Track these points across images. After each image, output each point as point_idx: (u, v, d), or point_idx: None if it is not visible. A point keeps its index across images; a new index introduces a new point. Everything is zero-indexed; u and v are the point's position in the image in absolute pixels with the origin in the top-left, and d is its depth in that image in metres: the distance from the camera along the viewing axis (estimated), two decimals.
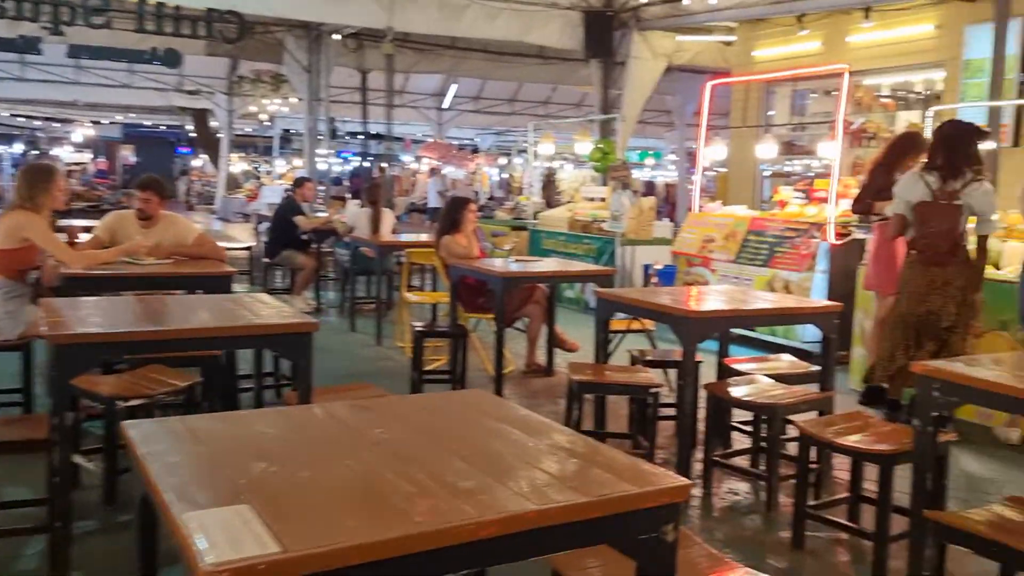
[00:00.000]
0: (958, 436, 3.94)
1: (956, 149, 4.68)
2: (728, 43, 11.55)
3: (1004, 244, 5.35)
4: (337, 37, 12.81)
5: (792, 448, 3.87)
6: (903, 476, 3.08)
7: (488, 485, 1.65)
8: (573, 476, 1.73)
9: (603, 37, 11.09)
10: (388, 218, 8.70)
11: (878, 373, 4.94)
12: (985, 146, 5.65)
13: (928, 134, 6.08)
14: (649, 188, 21.29)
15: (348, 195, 13.78)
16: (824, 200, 7.12)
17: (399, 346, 7.08)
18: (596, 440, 4.55)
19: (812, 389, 4.26)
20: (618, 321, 5.40)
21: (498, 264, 6.08)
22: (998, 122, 7.94)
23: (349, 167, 28.25)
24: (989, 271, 5.03)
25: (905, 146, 5.69)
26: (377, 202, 8.60)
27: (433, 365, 6.15)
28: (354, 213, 9.04)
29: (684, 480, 1.71)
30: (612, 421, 4.74)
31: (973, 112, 7.50)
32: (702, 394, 4.17)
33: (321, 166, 15.52)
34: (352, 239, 8.45)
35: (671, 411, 4.59)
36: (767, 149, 9.51)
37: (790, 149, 10.64)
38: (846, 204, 6.61)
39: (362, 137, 20.43)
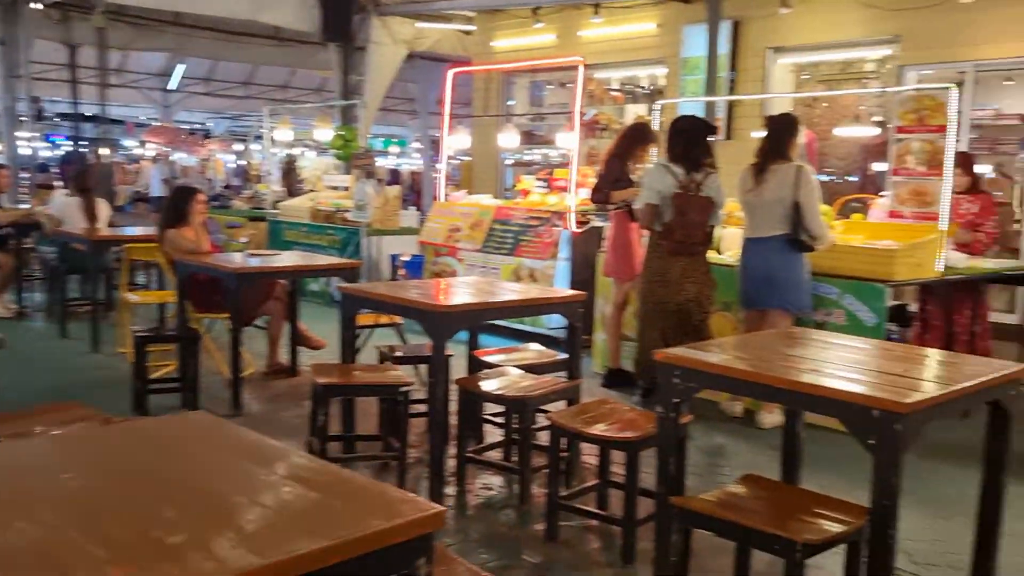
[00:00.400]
0: (694, 415, 4.14)
1: (694, 142, 4.95)
2: (468, 32, 11.62)
3: (724, 230, 5.74)
4: (38, 6, 11.34)
5: (545, 438, 3.86)
6: (651, 455, 3.13)
7: (203, 538, 1.37)
8: (311, 515, 1.49)
9: (341, 20, 10.72)
10: (103, 209, 7.81)
11: (647, 367, 5.08)
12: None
13: (655, 126, 6.42)
14: (395, 176, 21.09)
15: (59, 183, 12.29)
16: (564, 189, 7.31)
17: (121, 352, 6.35)
18: (345, 446, 4.31)
19: (560, 377, 4.29)
20: (365, 316, 5.17)
21: (233, 259, 5.61)
22: (713, 116, 8.59)
23: (60, 152, 25.42)
24: (712, 256, 5.38)
25: (635, 137, 5.95)
26: (89, 190, 7.67)
27: (160, 372, 5.57)
28: (62, 203, 8.01)
29: (437, 507, 1.53)
30: (362, 421, 4.50)
31: (692, 107, 8.05)
32: (454, 388, 4.06)
33: (24, 151, 13.72)
34: (60, 233, 7.47)
35: (424, 407, 4.44)
36: (508, 138, 9.66)
37: (530, 139, 10.91)
38: (585, 193, 6.81)
39: (75, 119, 18.41)
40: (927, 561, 3.35)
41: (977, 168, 6.32)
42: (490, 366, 4.35)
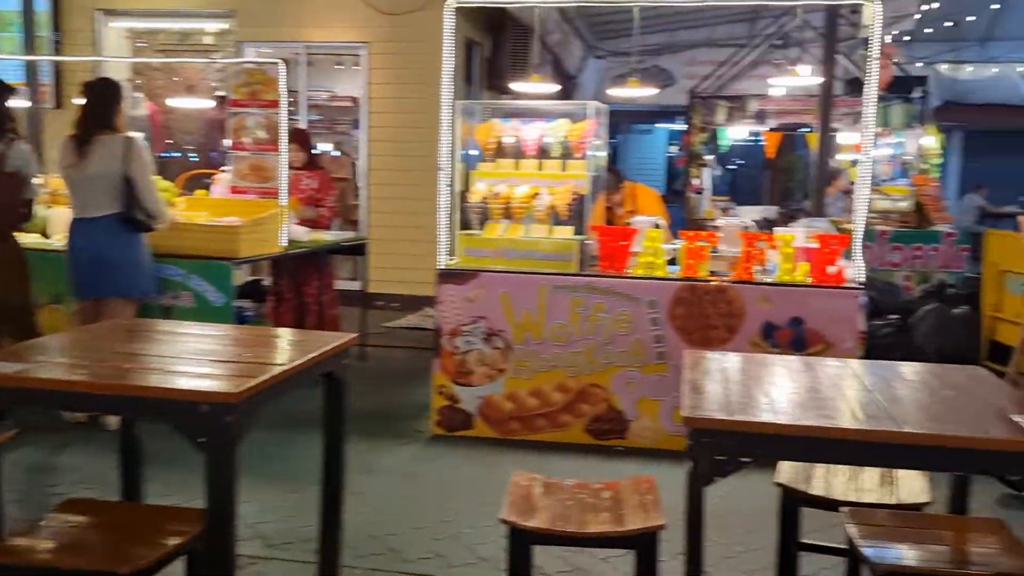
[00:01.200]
0: (21, 428, 3.48)
1: None
2: None
3: (50, 210, 5.03)
4: None
5: None
6: None
7: None
8: None
9: None
10: None
11: None
12: (19, 104, 5.23)
13: None
14: None
15: None
16: None
17: None
18: None
19: None
20: None
21: None
22: (38, 81, 7.58)
23: None
24: (36, 240, 4.67)
25: None
26: None
27: None
28: None
29: None
30: None
31: (9, 67, 6.96)
32: None
33: None
34: None
35: None
36: None
37: None
38: None
39: None
40: (282, 540, 3.31)
41: (320, 146, 6.65)
42: None
